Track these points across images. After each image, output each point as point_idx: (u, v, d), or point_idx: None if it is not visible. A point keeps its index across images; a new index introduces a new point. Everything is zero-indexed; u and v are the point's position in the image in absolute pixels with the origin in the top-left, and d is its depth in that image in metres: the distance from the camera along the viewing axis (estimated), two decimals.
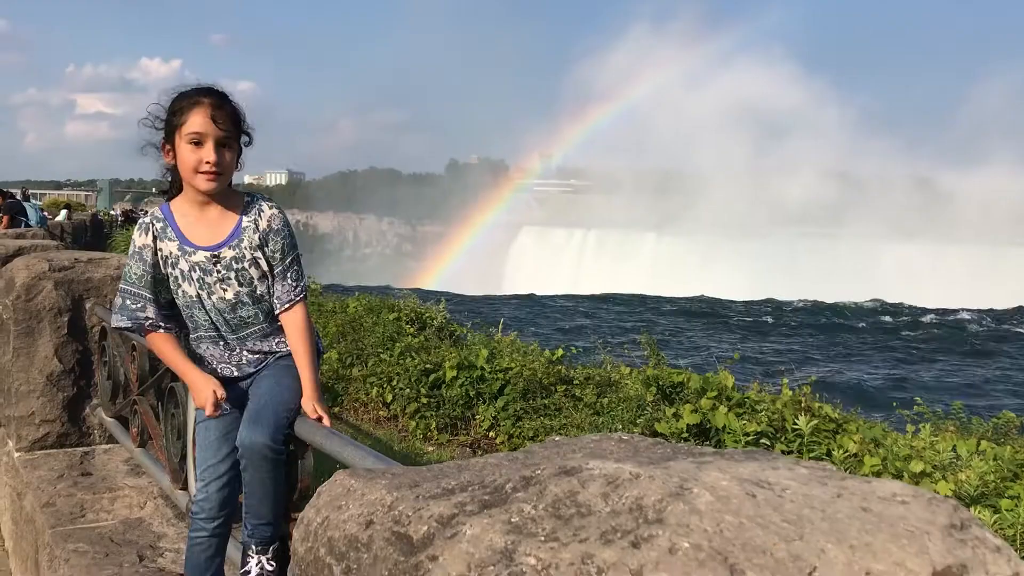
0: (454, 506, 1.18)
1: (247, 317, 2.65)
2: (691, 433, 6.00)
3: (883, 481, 1.10)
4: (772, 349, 28.38)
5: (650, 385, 6.48)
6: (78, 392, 4.42)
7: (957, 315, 43.38)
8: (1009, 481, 5.81)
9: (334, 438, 2.13)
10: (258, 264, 2.62)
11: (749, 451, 1.28)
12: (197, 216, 2.64)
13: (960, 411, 8.32)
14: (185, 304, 2.66)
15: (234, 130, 2.59)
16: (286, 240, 2.65)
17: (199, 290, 2.62)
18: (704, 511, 0.99)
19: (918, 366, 26.63)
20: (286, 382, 2.59)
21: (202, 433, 2.63)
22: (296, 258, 2.66)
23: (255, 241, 2.61)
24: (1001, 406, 18.40)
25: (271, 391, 2.57)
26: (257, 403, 2.55)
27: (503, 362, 8.57)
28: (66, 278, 4.40)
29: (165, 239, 2.65)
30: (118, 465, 4.16)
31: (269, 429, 2.45)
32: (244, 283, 2.62)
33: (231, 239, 2.62)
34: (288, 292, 2.62)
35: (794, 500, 1.02)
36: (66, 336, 4.38)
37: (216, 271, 2.61)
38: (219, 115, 2.54)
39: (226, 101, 2.59)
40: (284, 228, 2.65)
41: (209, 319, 2.66)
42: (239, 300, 2.63)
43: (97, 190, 76.53)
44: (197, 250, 2.62)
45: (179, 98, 2.59)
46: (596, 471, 1.15)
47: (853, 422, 6.46)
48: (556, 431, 7.42)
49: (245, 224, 2.63)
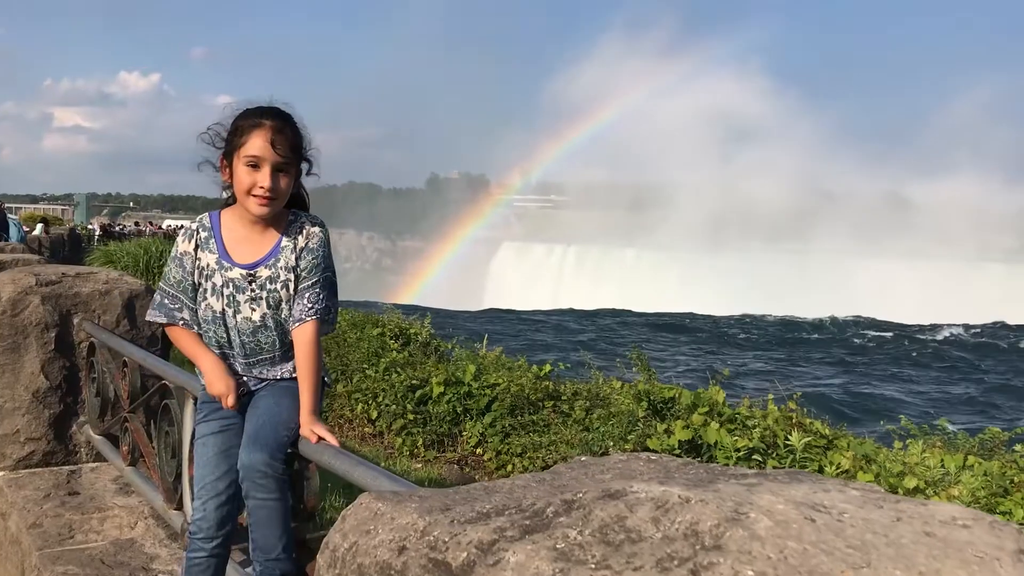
0: (493, 531, 1.14)
1: (264, 342, 2.60)
2: (683, 449, 5.97)
3: (939, 504, 1.07)
4: (750, 364, 28.47)
5: (641, 400, 6.44)
6: (65, 409, 4.34)
7: (932, 330, 43.78)
8: (999, 497, 5.82)
9: (343, 457, 2.07)
10: (288, 286, 2.57)
11: (792, 472, 1.25)
12: (243, 233, 2.61)
13: (945, 426, 8.35)
14: (207, 318, 2.61)
15: (293, 155, 2.54)
16: (317, 259, 2.59)
17: (226, 307, 2.57)
18: (765, 537, 0.96)
19: (894, 381, 26.80)
20: (285, 402, 2.54)
21: (199, 449, 2.57)
22: (323, 281, 2.59)
23: (291, 261, 2.57)
24: (980, 420, 18.55)
25: (270, 410, 2.52)
26: (256, 423, 2.49)
27: (490, 378, 8.52)
28: (53, 293, 4.32)
29: (206, 250, 2.61)
30: (106, 484, 4.07)
31: (268, 448, 2.39)
32: (272, 304, 2.57)
33: (268, 258, 2.58)
34: (303, 310, 2.56)
35: (855, 525, 0.99)
36: (53, 352, 4.30)
37: (250, 290, 2.56)
38: (279, 140, 2.50)
39: (288, 125, 2.55)
40: (320, 248, 2.60)
41: (227, 338, 2.60)
42: (264, 323, 2.58)
43: (74, 204, 75.93)
44: (234, 266, 2.58)
45: (242, 117, 2.55)
46: (642, 494, 1.12)
47: (844, 438, 6.45)
48: (545, 448, 7.38)
49: (284, 244, 2.59)
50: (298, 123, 2.58)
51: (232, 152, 2.53)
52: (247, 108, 2.57)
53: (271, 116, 2.52)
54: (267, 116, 2.52)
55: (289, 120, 2.56)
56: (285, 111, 2.57)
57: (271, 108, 2.56)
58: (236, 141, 2.52)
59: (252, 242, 2.59)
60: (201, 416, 2.64)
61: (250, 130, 2.50)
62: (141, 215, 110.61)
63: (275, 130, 2.49)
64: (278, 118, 2.53)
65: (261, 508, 2.39)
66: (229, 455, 2.50)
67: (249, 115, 2.53)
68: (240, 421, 2.56)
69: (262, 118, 2.51)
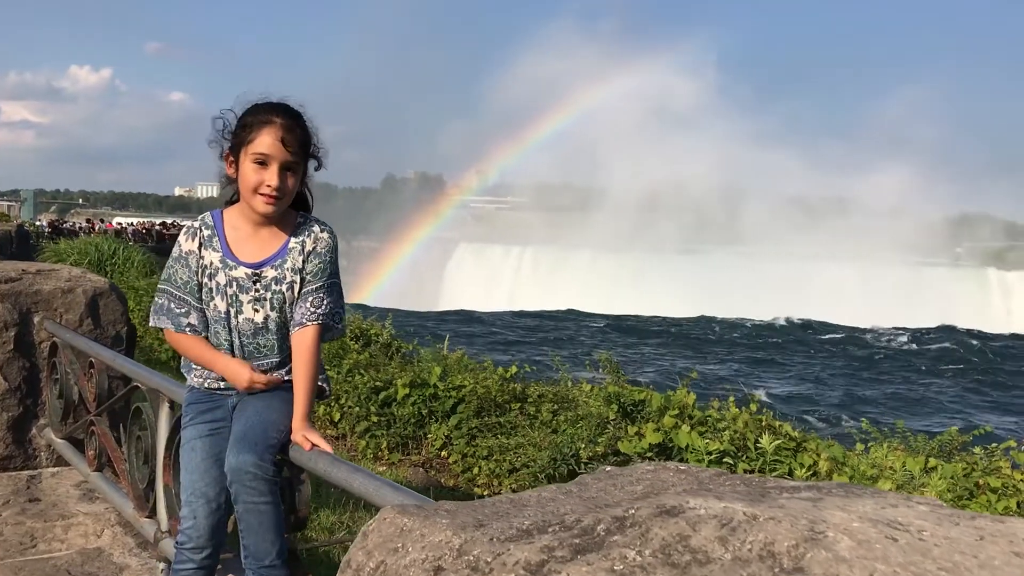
0: (541, 551, 1.06)
1: (263, 345, 2.51)
2: (653, 452, 5.94)
3: (1016, 520, 1.02)
4: (707, 366, 28.69)
5: (611, 403, 6.40)
6: (24, 411, 4.16)
7: (882, 333, 44.56)
8: (965, 500, 5.89)
9: (339, 466, 1.97)
10: (293, 288, 2.49)
11: (846, 486, 1.19)
12: (247, 231, 2.52)
13: (904, 429, 8.44)
14: (214, 319, 2.52)
15: (302, 153, 2.46)
16: (324, 264, 2.52)
17: (229, 307, 2.48)
18: (850, 559, 0.89)
19: (849, 383, 27.20)
20: (275, 404, 2.44)
21: (188, 454, 2.47)
22: (328, 286, 2.52)
23: (298, 264, 2.49)
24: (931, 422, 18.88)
25: (259, 412, 2.42)
26: (244, 424, 2.39)
27: (456, 379, 8.43)
28: (12, 290, 4.14)
29: (210, 248, 2.52)
30: (69, 490, 3.91)
31: (257, 449, 2.29)
32: (276, 307, 2.49)
33: (275, 258, 2.49)
34: (305, 314, 2.47)
35: (939, 544, 0.93)
36: (12, 352, 4.12)
37: (254, 290, 2.48)
38: (289, 138, 2.42)
39: (299, 123, 2.47)
40: (327, 253, 2.53)
41: (229, 339, 2.51)
42: (266, 325, 2.50)
43: (21, 200, 74.05)
44: (239, 265, 2.49)
45: (251, 112, 2.46)
46: (702, 511, 1.05)
47: (811, 440, 6.48)
48: (512, 450, 7.30)
49: (292, 245, 2.51)
50: (308, 121, 2.50)
51: (239, 147, 2.44)
52: (256, 103, 2.48)
53: (282, 113, 2.44)
54: (278, 113, 2.44)
55: (300, 118, 2.48)
56: (295, 108, 2.49)
57: (282, 104, 2.48)
58: (244, 136, 2.43)
59: (258, 241, 2.51)
60: (188, 419, 2.53)
61: (260, 127, 2.42)
62: (90, 212, 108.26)
63: (286, 128, 2.42)
64: (289, 115, 2.45)
65: (252, 512, 2.28)
66: (220, 460, 2.40)
67: (259, 111, 2.45)
68: (229, 425, 2.46)
69: (273, 115, 2.43)
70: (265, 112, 2.43)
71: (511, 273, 69.24)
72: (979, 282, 62.12)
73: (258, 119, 2.42)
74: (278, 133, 2.40)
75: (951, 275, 64.00)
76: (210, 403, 2.53)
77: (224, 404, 2.52)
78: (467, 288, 64.07)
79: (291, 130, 2.42)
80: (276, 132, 2.40)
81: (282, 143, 2.40)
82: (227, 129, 2.49)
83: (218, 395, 2.54)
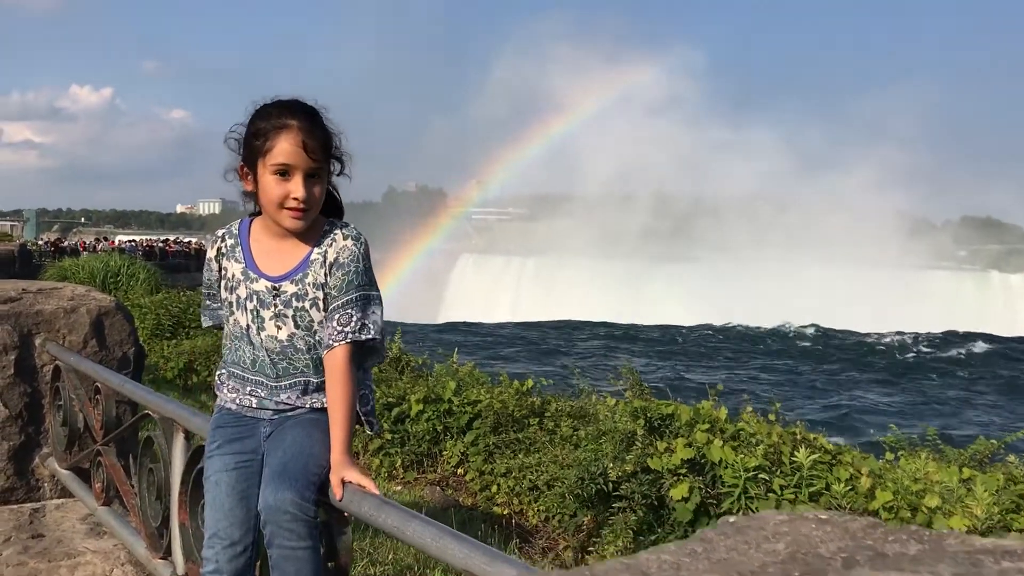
0: None
1: (297, 365, 2.26)
2: (685, 468, 5.67)
3: None
4: (718, 375, 28.41)
5: (638, 417, 6.14)
6: (26, 440, 3.89)
7: (887, 338, 44.30)
8: (1012, 513, 5.62)
9: (389, 509, 1.70)
10: (318, 305, 2.22)
11: None
12: (272, 244, 2.27)
13: (935, 437, 8.19)
14: (234, 335, 2.28)
15: (324, 156, 2.19)
16: (350, 275, 2.22)
17: (251, 322, 2.24)
18: None
19: (861, 390, 26.92)
20: (316, 435, 2.17)
21: (211, 489, 2.19)
22: (358, 300, 2.22)
23: (320, 277, 2.22)
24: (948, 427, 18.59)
25: (298, 443, 2.15)
26: (282, 456, 2.12)
27: (471, 394, 8.19)
28: (12, 311, 3.88)
29: (231, 259, 2.29)
30: (75, 524, 3.64)
31: (297, 485, 2.02)
32: (302, 325, 2.23)
33: (296, 272, 2.23)
34: (332, 334, 2.20)
35: None
36: (12, 377, 3.85)
37: (274, 305, 2.22)
38: (311, 142, 2.15)
39: (318, 124, 2.19)
40: (353, 263, 2.23)
41: (255, 357, 2.26)
42: (292, 344, 2.24)
43: (24, 220, 73.98)
44: (260, 278, 2.24)
45: (262, 116, 2.18)
46: None
47: (847, 453, 6.22)
48: (533, 468, 7.04)
49: (314, 257, 2.23)
50: (327, 119, 2.23)
51: (255, 158, 2.18)
52: (265, 104, 2.20)
53: (297, 114, 2.17)
54: (293, 114, 2.17)
55: (317, 117, 2.21)
56: (311, 105, 2.21)
57: (294, 103, 2.20)
58: (259, 146, 2.16)
59: (282, 253, 2.26)
60: (215, 446, 2.25)
61: (275, 133, 2.15)
62: (93, 231, 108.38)
63: (304, 131, 2.15)
64: (305, 116, 2.18)
65: (289, 559, 2.00)
66: (247, 496, 2.14)
67: (271, 114, 2.17)
68: (260, 457, 2.20)
69: (287, 117, 2.16)
70: (279, 115, 2.16)
71: (513, 284, 69.06)
72: (983, 285, 61.89)
73: (272, 124, 2.15)
74: (297, 138, 2.13)
75: (954, 279, 63.79)
76: (240, 428, 2.26)
77: (256, 432, 2.25)
78: (469, 299, 63.90)
79: (311, 133, 2.16)
80: (295, 137, 2.13)
81: (303, 148, 2.13)
82: (239, 140, 2.23)
83: (249, 419, 2.27)
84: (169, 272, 29.94)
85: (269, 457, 2.16)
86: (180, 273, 38.44)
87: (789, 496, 5.57)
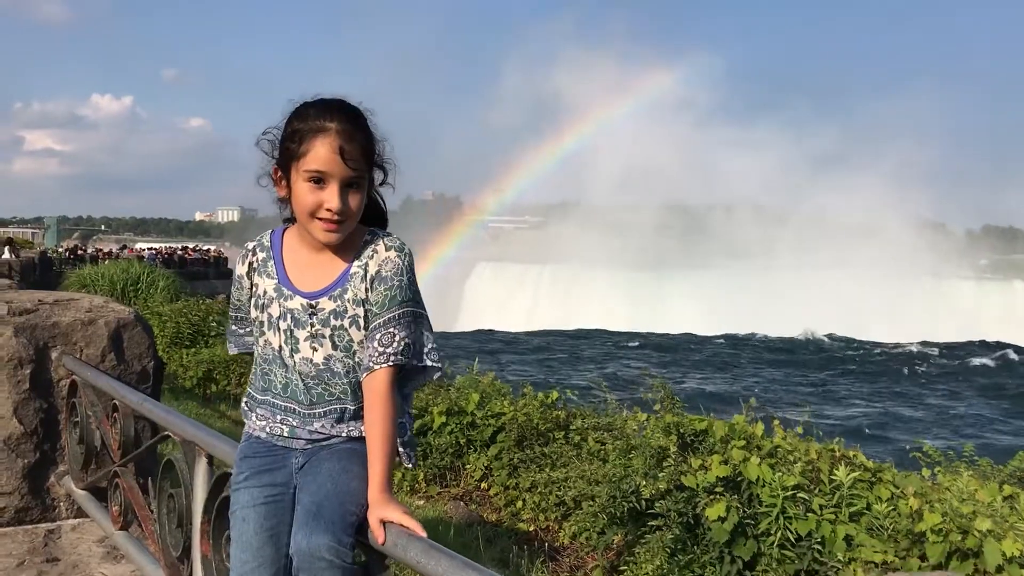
0: None
1: (334, 390, 2.05)
2: (721, 486, 5.46)
3: None
4: (739, 384, 28.11)
5: (670, 433, 5.94)
6: (41, 458, 3.73)
7: (911, 347, 43.84)
8: None
9: (439, 556, 1.51)
10: (358, 323, 2.02)
11: None
12: (308, 257, 2.07)
13: (972, 452, 7.94)
14: (264, 358, 2.08)
15: (365, 165, 1.99)
16: (393, 290, 2.01)
17: (284, 343, 2.04)
18: None
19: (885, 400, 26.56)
20: (354, 469, 1.97)
21: (238, 525, 1.99)
22: (402, 317, 2.02)
23: (360, 293, 2.02)
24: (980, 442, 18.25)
25: (334, 478, 1.95)
26: (317, 494, 1.92)
27: (495, 406, 8.02)
28: (28, 323, 3.73)
29: (263, 275, 2.09)
30: (91, 547, 3.48)
31: (334, 528, 1.83)
32: (340, 346, 2.03)
33: (334, 287, 2.03)
34: (373, 355, 1.99)
35: None
36: (28, 392, 3.70)
37: (310, 324, 2.02)
38: (349, 149, 1.95)
39: (360, 127, 1.98)
40: (396, 277, 2.02)
41: (287, 381, 2.07)
42: (329, 367, 2.04)
43: (44, 227, 74.55)
44: (296, 294, 2.04)
45: (299, 117, 1.99)
46: None
47: (888, 471, 6.00)
48: (561, 483, 6.84)
49: (354, 270, 2.03)
50: (370, 123, 2.02)
51: (289, 162, 1.99)
52: (305, 103, 2.01)
53: (337, 117, 1.96)
54: (332, 117, 1.96)
55: (359, 120, 2.00)
56: (353, 107, 2.01)
57: (336, 104, 2.00)
58: (294, 149, 1.96)
59: (319, 267, 2.05)
60: (242, 478, 2.05)
61: (311, 136, 1.94)
62: (113, 238, 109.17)
63: (343, 135, 1.95)
64: (346, 119, 1.97)
65: None
66: (277, 534, 1.95)
67: (308, 115, 1.97)
68: (290, 493, 2.00)
69: (326, 119, 1.95)
70: (317, 116, 1.96)
71: (530, 291, 68.92)
72: (1007, 295, 61.18)
73: (309, 126, 1.95)
74: (335, 143, 1.93)
75: (978, 288, 63.12)
76: (270, 459, 2.06)
77: (288, 463, 2.05)
78: (486, 307, 63.79)
79: (351, 137, 1.95)
80: (332, 142, 1.93)
81: (340, 155, 1.93)
82: (272, 141, 2.04)
83: (280, 449, 2.07)
84: (188, 280, 29.98)
85: (302, 493, 1.97)
86: (199, 281, 38.58)
87: (829, 516, 5.36)
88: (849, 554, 5.20)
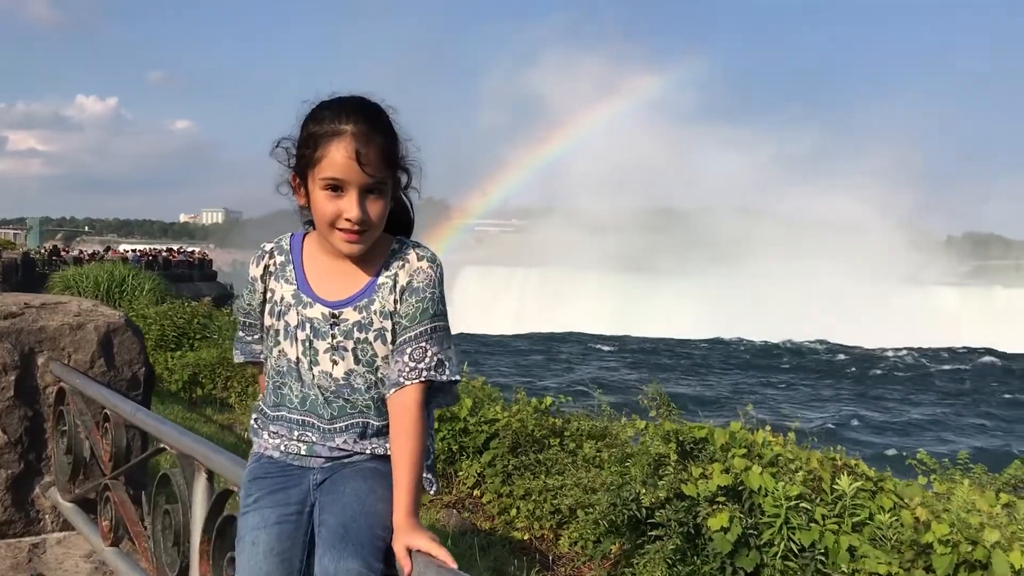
0: None
1: (356, 405, 1.92)
2: (722, 495, 5.36)
3: None
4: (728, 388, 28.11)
5: (670, 440, 5.83)
6: (26, 468, 3.58)
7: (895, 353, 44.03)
8: None
9: None
10: (384, 337, 1.88)
11: None
12: (329, 265, 1.93)
13: (966, 460, 7.89)
14: (278, 370, 1.94)
15: (387, 168, 1.85)
16: (425, 303, 1.89)
17: (301, 355, 1.90)
18: None
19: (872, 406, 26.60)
20: (380, 490, 1.83)
21: (247, 550, 1.83)
22: (434, 331, 1.89)
23: (388, 305, 1.89)
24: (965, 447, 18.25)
25: (360, 499, 1.81)
26: (342, 515, 1.78)
27: (488, 412, 7.90)
28: (13, 327, 3.58)
29: (281, 279, 1.95)
30: (78, 562, 3.33)
31: (362, 552, 1.70)
32: (363, 361, 1.89)
33: (359, 297, 1.89)
34: (403, 370, 1.86)
35: None
36: (12, 399, 3.55)
37: (332, 336, 1.88)
38: (367, 153, 1.80)
39: (379, 128, 1.84)
40: (428, 289, 1.90)
41: (304, 395, 1.92)
42: (349, 383, 1.90)
43: (27, 228, 73.92)
44: (316, 302, 1.90)
45: (315, 119, 1.84)
46: None
47: (889, 480, 5.92)
48: (555, 491, 6.73)
49: (382, 281, 1.90)
50: (392, 123, 1.88)
51: (306, 169, 1.85)
52: (321, 104, 1.86)
53: (353, 118, 1.82)
54: (347, 118, 1.81)
55: (379, 120, 1.85)
56: (372, 105, 1.87)
57: (352, 103, 1.85)
58: (310, 155, 1.83)
59: (342, 275, 1.92)
60: (252, 500, 1.89)
61: (326, 140, 1.80)
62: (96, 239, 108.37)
63: (360, 138, 1.80)
64: (363, 120, 1.82)
65: None
66: (288, 559, 1.80)
67: (323, 117, 1.83)
68: (306, 512, 1.86)
69: (341, 122, 1.81)
70: (332, 118, 1.81)
71: (516, 295, 68.86)
72: (988, 301, 61.59)
73: (324, 130, 1.81)
74: (351, 147, 1.79)
75: (960, 294, 63.52)
76: (283, 479, 1.91)
77: (304, 480, 1.90)
78: (473, 311, 63.63)
79: (368, 140, 1.80)
80: (348, 146, 1.79)
81: (357, 160, 1.78)
82: (287, 149, 1.91)
83: (296, 468, 1.92)
84: (172, 282, 29.68)
85: (324, 514, 1.82)
86: (184, 283, 38.28)
87: (832, 526, 5.27)
88: (853, 565, 5.11)
